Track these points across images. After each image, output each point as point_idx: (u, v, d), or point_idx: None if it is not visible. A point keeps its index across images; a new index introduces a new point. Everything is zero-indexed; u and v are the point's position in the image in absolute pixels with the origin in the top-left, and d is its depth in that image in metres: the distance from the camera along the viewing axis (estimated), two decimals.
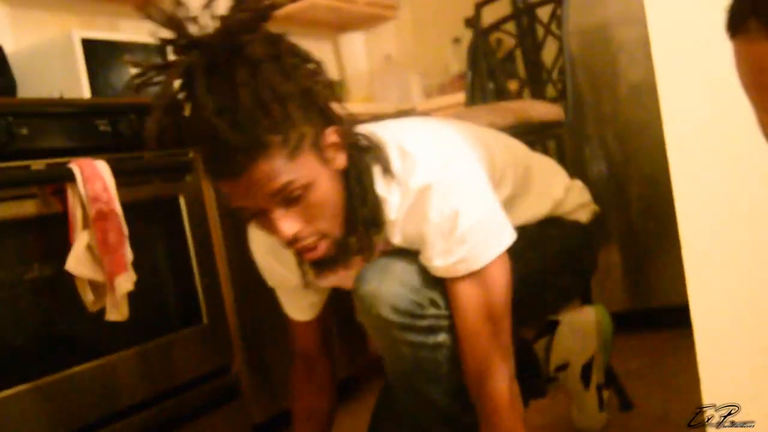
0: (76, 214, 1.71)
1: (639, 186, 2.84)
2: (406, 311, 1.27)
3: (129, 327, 1.81)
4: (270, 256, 1.50)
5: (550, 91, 2.38)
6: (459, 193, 1.26)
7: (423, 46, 3.99)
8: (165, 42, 1.22)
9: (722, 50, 0.73)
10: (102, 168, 1.76)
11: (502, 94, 2.48)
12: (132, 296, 1.75)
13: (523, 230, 1.38)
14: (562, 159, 2.09)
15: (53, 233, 1.74)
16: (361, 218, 1.28)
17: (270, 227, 1.22)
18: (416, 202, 1.26)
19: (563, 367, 1.87)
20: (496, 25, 2.49)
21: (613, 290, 2.88)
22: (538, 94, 2.45)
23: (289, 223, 1.20)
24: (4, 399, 1.59)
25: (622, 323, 2.90)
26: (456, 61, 3.74)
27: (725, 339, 1.02)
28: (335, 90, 1.25)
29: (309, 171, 1.19)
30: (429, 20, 3.91)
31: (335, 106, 1.27)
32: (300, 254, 1.27)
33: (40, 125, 1.75)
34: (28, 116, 1.72)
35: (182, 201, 2.06)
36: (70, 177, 1.71)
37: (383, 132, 1.35)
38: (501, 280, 1.32)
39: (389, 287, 1.27)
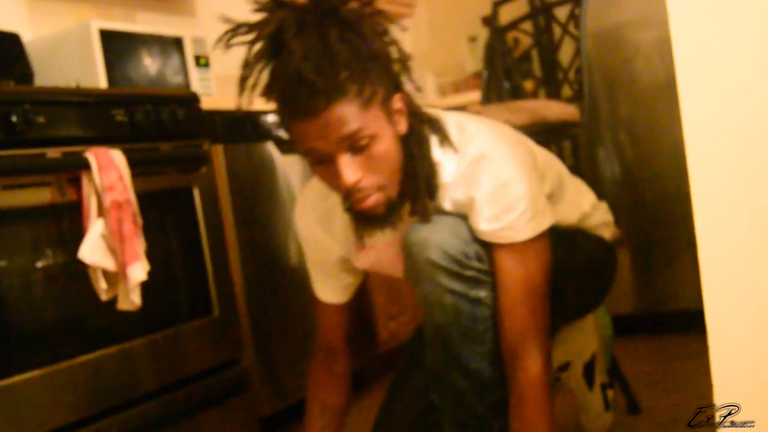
0: (91, 203, 1.72)
1: (652, 189, 2.83)
2: (454, 258, 1.35)
3: (140, 317, 1.82)
4: (319, 226, 1.56)
5: (566, 91, 2.37)
6: (510, 166, 1.37)
7: (439, 44, 3.99)
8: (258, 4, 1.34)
9: (746, 52, 0.73)
10: (117, 158, 1.77)
11: (517, 94, 2.47)
12: (144, 286, 1.75)
13: (554, 229, 1.45)
14: (576, 159, 2.09)
15: (67, 221, 1.75)
16: (419, 180, 1.36)
17: (333, 174, 1.31)
18: (469, 167, 1.37)
19: (565, 366, 1.87)
20: (514, 24, 2.48)
21: (623, 292, 2.87)
22: (554, 94, 2.44)
23: (352, 170, 1.29)
24: (15, 384, 1.60)
25: (631, 326, 2.90)
26: (472, 60, 3.73)
27: (740, 343, 1.02)
28: (407, 62, 1.37)
29: (377, 124, 1.30)
30: (445, 18, 3.90)
31: (404, 79, 1.39)
32: (354, 203, 1.34)
33: (56, 113, 1.75)
34: (44, 104, 1.73)
35: (196, 193, 2.06)
36: (86, 165, 1.71)
37: (440, 112, 1.46)
38: (541, 259, 1.40)
39: (440, 235, 1.35)
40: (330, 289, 1.62)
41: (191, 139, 2.06)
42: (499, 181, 1.35)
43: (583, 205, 1.65)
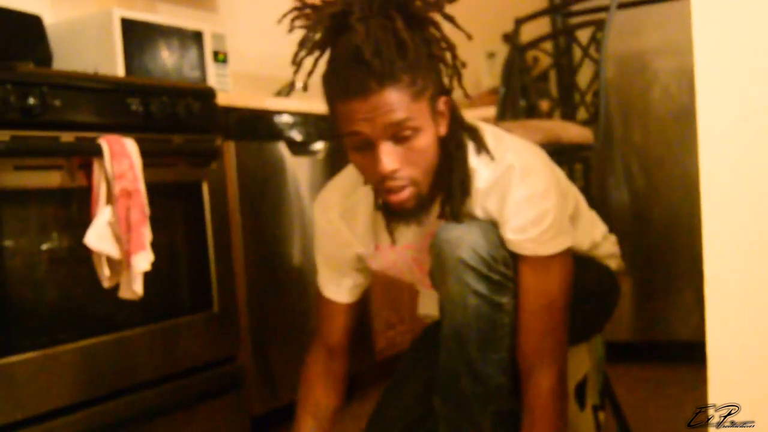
0: (101, 190, 1.72)
1: (659, 219, 2.83)
2: (484, 260, 1.36)
3: (140, 306, 1.82)
4: (341, 220, 1.56)
5: (582, 114, 2.37)
6: (541, 181, 1.39)
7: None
8: None
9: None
10: (130, 146, 1.77)
11: (532, 113, 2.48)
12: (147, 276, 1.75)
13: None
14: (587, 183, 2.09)
15: (76, 206, 1.75)
16: (454, 183, 1.38)
17: (370, 160, 1.33)
18: (502, 177, 1.38)
19: None
20: (534, 43, 2.48)
21: (622, 319, 2.87)
22: (570, 115, 2.44)
23: (391, 159, 1.31)
24: (13, 364, 1.60)
25: (629, 353, 2.89)
26: (489, 76, 3.73)
27: (739, 372, 1.01)
28: (458, 71, 1.40)
29: (422, 119, 1.32)
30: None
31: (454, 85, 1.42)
32: (386, 193, 1.36)
33: (73, 98, 1.76)
34: (62, 88, 1.73)
35: (205, 187, 2.06)
36: (98, 152, 1.71)
37: (477, 122, 1.49)
38: (562, 275, 1.42)
39: (473, 236, 1.37)
40: (340, 287, 1.61)
41: (204, 133, 2.06)
42: (529, 192, 1.38)
43: (595, 234, 1.66)
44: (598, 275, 1.67)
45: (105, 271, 1.71)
